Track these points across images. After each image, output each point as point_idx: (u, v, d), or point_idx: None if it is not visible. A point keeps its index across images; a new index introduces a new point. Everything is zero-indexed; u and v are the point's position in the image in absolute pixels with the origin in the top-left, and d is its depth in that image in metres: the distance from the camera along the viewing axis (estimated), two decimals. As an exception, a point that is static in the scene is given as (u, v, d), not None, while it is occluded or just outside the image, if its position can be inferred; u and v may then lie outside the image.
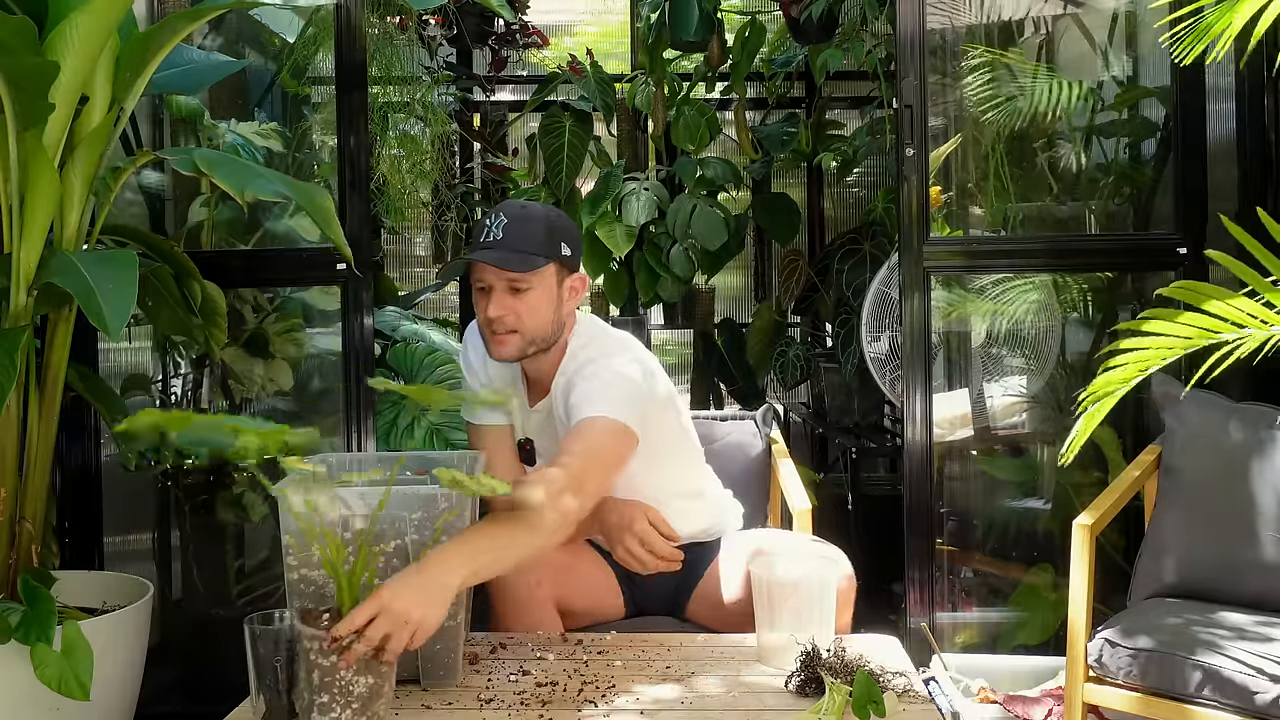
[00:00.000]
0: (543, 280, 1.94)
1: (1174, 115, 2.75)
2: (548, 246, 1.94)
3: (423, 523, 1.65)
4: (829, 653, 1.68)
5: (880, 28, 3.37)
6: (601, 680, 1.72)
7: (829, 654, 1.68)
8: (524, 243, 1.92)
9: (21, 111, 2.01)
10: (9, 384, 1.95)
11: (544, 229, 1.95)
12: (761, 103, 4.48)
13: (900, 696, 1.63)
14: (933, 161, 2.81)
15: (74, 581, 2.36)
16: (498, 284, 1.93)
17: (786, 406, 4.58)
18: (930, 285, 2.70)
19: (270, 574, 2.96)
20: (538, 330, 1.96)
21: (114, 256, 2.05)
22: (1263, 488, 2.22)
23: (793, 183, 4.70)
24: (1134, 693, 2.07)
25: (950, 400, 2.95)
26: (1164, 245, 2.74)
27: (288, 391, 3.00)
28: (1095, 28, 3.08)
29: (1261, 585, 2.20)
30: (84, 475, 2.72)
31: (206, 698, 2.35)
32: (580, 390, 1.94)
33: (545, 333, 1.98)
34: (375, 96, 3.25)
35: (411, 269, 4.81)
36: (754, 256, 4.82)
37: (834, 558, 2.01)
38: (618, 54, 4.67)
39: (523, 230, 1.93)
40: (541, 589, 2.02)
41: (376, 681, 1.47)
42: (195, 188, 3.02)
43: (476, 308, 1.98)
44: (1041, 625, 2.78)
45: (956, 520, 2.94)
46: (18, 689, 2.02)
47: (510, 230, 1.92)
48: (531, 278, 1.93)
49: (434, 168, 3.51)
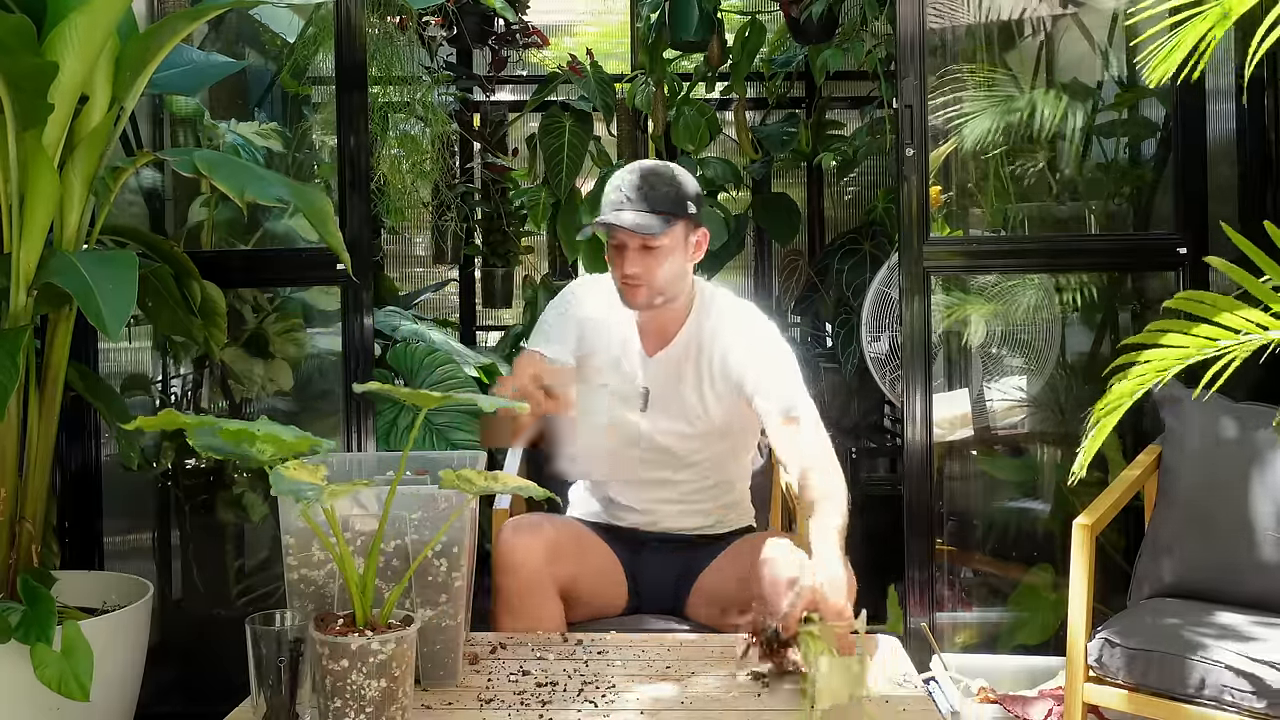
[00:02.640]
0: (672, 237, 2.06)
1: (1174, 115, 2.76)
2: (677, 205, 2.05)
3: (423, 523, 1.65)
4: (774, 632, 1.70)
5: (880, 28, 3.37)
6: (601, 680, 1.72)
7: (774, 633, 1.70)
8: (657, 203, 2.04)
9: (21, 111, 2.01)
10: (11, 384, 1.95)
11: (674, 189, 2.06)
12: (761, 103, 4.48)
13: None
14: (933, 161, 2.81)
15: (74, 581, 2.36)
16: (631, 242, 2.05)
17: (787, 406, 4.57)
18: (930, 285, 2.70)
19: (270, 574, 2.96)
20: (667, 284, 2.09)
21: (114, 257, 2.05)
22: (1262, 488, 2.22)
23: (793, 183, 4.70)
24: (1134, 693, 2.07)
25: (950, 400, 2.95)
26: (1164, 245, 2.75)
27: (288, 391, 3.00)
28: (1095, 28, 3.08)
29: (1261, 585, 2.20)
30: (84, 475, 2.72)
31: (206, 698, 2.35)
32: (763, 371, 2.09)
33: (674, 286, 2.10)
34: (375, 96, 3.25)
35: (411, 269, 4.81)
36: (754, 256, 4.82)
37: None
38: (618, 54, 4.67)
39: (654, 191, 2.05)
40: (548, 569, 2.04)
41: (390, 686, 1.46)
42: (195, 188, 3.02)
43: (612, 265, 2.10)
44: (1041, 625, 2.78)
45: (956, 520, 2.94)
46: (18, 689, 2.02)
47: (642, 191, 2.04)
48: (664, 237, 2.04)
49: (434, 168, 3.51)
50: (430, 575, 1.66)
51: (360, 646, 1.43)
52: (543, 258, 4.51)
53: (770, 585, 1.81)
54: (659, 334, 2.19)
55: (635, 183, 2.05)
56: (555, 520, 2.22)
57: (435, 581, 1.66)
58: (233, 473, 2.93)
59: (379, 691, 1.45)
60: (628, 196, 2.05)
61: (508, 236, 4.16)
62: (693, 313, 2.18)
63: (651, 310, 2.14)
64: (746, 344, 2.13)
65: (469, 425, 3.04)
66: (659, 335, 2.19)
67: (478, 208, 4.16)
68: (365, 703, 1.44)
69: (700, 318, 2.17)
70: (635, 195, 2.04)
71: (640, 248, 2.05)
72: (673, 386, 2.17)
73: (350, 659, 1.43)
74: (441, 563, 1.66)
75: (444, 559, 1.66)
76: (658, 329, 2.18)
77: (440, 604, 1.67)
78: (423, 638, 1.66)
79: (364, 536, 1.65)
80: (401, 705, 1.48)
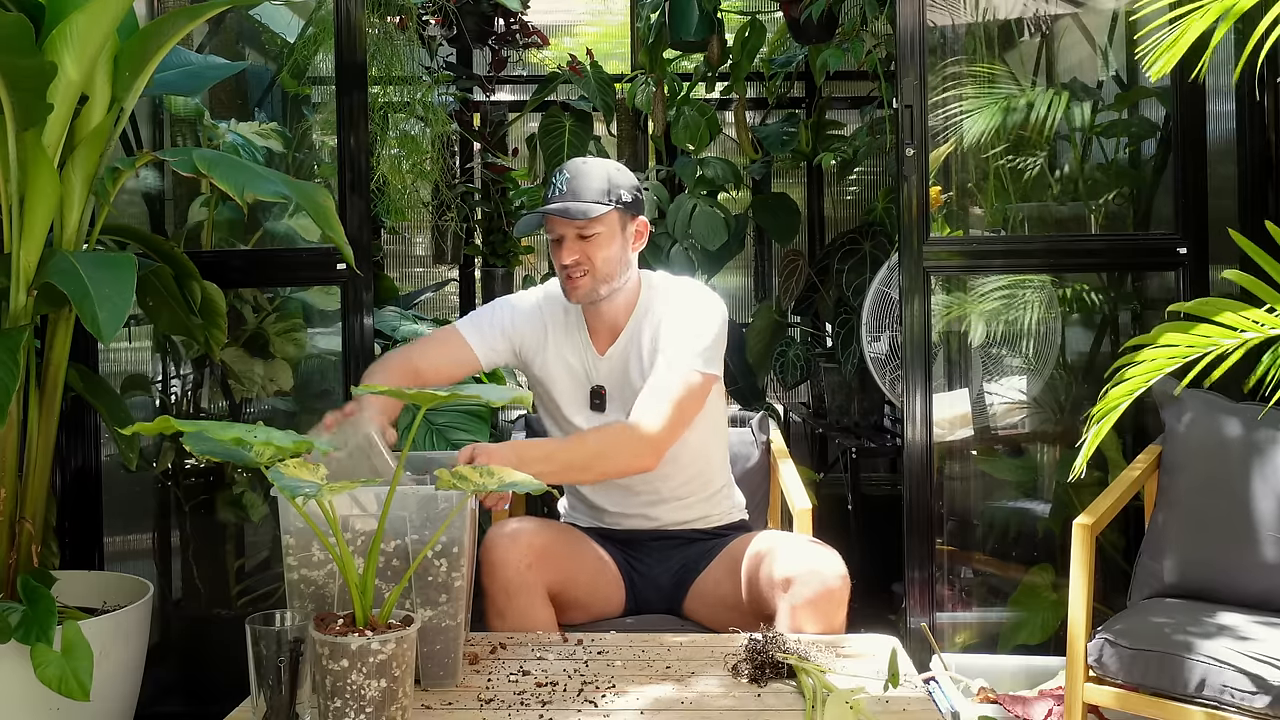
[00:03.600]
0: (607, 225, 2.15)
1: (1174, 115, 2.76)
2: (605, 195, 2.14)
3: (422, 523, 1.65)
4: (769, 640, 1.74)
5: (880, 28, 3.37)
6: (601, 680, 1.72)
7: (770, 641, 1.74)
8: (586, 193, 2.13)
9: (21, 112, 2.01)
10: (12, 383, 1.95)
11: (604, 180, 2.16)
12: (761, 103, 4.48)
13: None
14: (933, 161, 2.81)
15: (74, 581, 2.36)
16: (568, 233, 2.14)
17: (786, 406, 4.59)
18: (930, 285, 2.70)
19: (270, 574, 2.96)
20: (608, 271, 2.15)
21: (113, 259, 2.05)
22: (1262, 488, 2.22)
23: (793, 183, 4.70)
24: (1134, 693, 2.07)
25: (950, 400, 2.95)
26: (1164, 245, 2.75)
27: (288, 391, 3.00)
28: (1095, 28, 3.08)
29: (1261, 585, 2.20)
30: (84, 475, 2.72)
31: (206, 698, 2.35)
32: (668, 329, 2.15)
33: (613, 273, 2.17)
34: (375, 96, 3.25)
35: (411, 269, 4.81)
36: (754, 256, 4.83)
37: (828, 557, 2.02)
38: (618, 54, 4.67)
39: (584, 183, 2.14)
40: (532, 572, 2.02)
41: (390, 686, 1.46)
42: (195, 188, 3.02)
43: (554, 258, 2.18)
44: (1041, 625, 2.78)
45: (956, 520, 2.94)
46: (18, 689, 2.02)
47: (573, 184, 2.14)
48: (595, 224, 2.13)
49: (434, 168, 3.51)
50: (430, 575, 1.66)
51: (360, 646, 1.43)
52: (543, 258, 4.51)
53: (766, 584, 1.82)
54: (609, 331, 2.24)
55: (566, 177, 2.16)
56: (544, 523, 2.22)
57: (435, 581, 1.66)
58: (233, 473, 2.93)
59: (379, 691, 1.45)
60: (559, 189, 2.15)
61: (508, 236, 4.16)
62: (638, 305, 2.23)
63: (596, 304, 2.20)
64: (669, 313, 2.19)
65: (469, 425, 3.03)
66: (609, 333, 2.24)
67: (478, 208, 4.16)
68: (365, 703, 1.44)
69: (645, 308, 2.23)
70: (566, 188, 2.14)
71: (576, 237, 2.13)
72: (625, 380, 2.21)
73: (350, 659, 1.43)
74: (441, 563, 1.66)
75: (444, 559, 1.66)
76: (608, 326, 2.23)
77: (440, 604, 1.67)
78: (423, 638, 1.66)
79: (364, 536, 1.65)
80: (401, 705, 1.48)
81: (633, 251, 2.21)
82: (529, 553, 2.03)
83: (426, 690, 1.69)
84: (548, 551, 2.08)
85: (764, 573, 2.02)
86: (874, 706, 1.60)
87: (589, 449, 2.07)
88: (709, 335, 2.14)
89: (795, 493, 2.31)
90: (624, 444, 2.05)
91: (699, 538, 2.27)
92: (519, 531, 2.07)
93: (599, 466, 2.08)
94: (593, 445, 2.08)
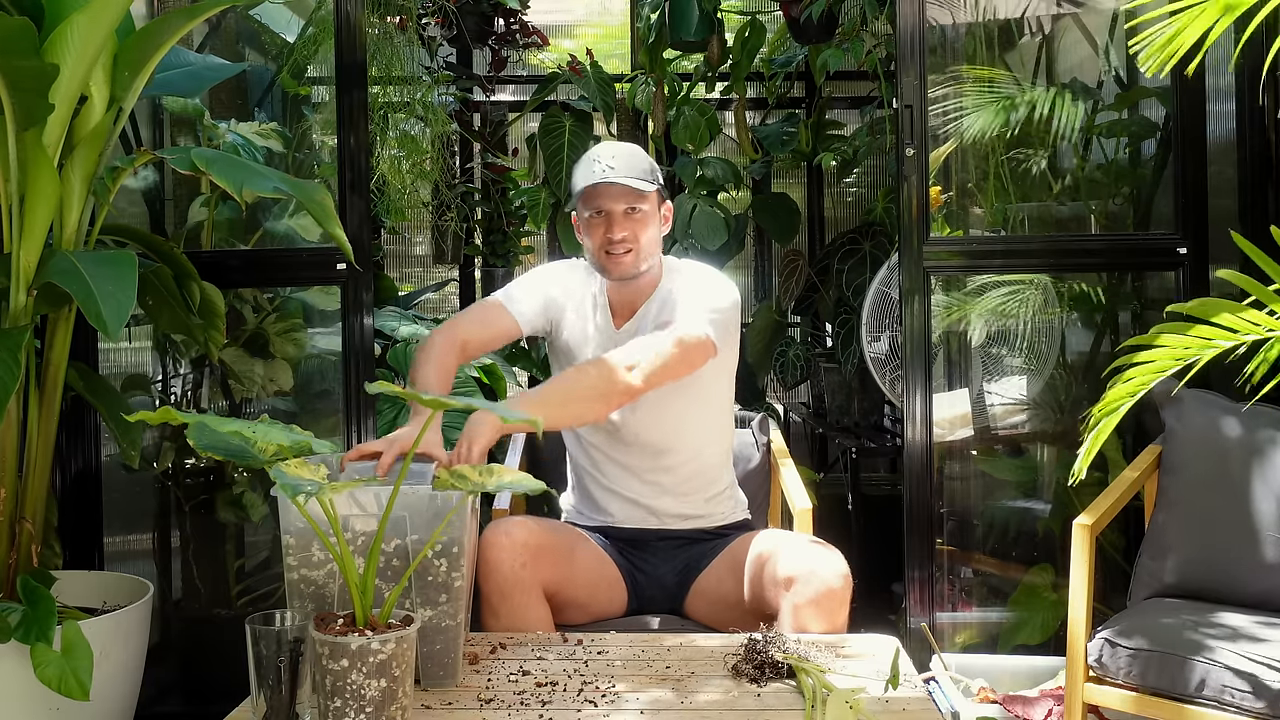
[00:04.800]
0: (650, 204, 2.19)
1: (1174, 115, 2.76)
2: (652, 174, 2.20)
3: (422, 523, 1.65)
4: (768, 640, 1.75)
5: (880, 28, 3.37)
6: (601, 680, 1.72)
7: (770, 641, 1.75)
8: (638, 170, 2.17)
9: (21, 112, 2.01)
10: (12, 383, 1.95)
11: (646, 161, 2.21)
12: (761, 103, 4.48)
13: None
14: (933, 161, 2.81)
15: (74, 581, 2.36)
16: (616, 208, 2.15)
17: (786, 406, 4.59)
18: (930, 285, 2.70)
19: (270, 574, 2.96)
20: (650, 249, 2.19)
21: (113, 257, 2.05)
22: (1263, 488, 2.22)
23: (793, 183, 4.70)
24: (1134, 693, 2.07)
25: (950, 400, 2.95)
26: (1164, 245, 2.75)
27: (288, 391, 3.00)
28: (1095, 28, 3.08)
29: (1261, 585, 2.20)
30: (84, 475, 2.72)
31: (206, 698, 2.35)
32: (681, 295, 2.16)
33: (653, 251, 2.21)
34: (375, 96, 3.25)
35: (411, 269, 4.81)
36: (754, 256, 4.83)
37: (830, 556, 2.02)
38: (618, 54, 4.68)
39: (633, 162, 2.17)
40: (526, 571, 2.02)
41: (390, 686, 1.46)
42: (195, 188, 3.02)
43: (592, 236, 2.19)
44: (1041, 625, 2.78)
45: (956, 520, 2.94)
46: (18, 689, 2.02)
47: (623, 160, 2.16)
48: (644, 201, 2.17)
49: (434, 168, 3.51)
50: (430, 575, 1.66)
51: (360, 646, 1.43)
52: (543, 257, 4.51)
53: (769, 583, 1.82)
54: (628, 307, 2.26)
55: (614, 153, 2.18)
56: (541, 522, 2.20)
57: (435, 581, 1.66)
58: (233, 473, 2.93)
59: (379, 691, 1.45)
60: (610, 165, 2.15)
61: (508, 236, 4.16)
62: (659, 287, 2.26)
63: (626, 282, 2.22)
64: (682, 283, 2.21)
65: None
66: (628, 309, 2.26)
67: (478, 208, 4.16)
68: (365, 703, 1.44)
69: (666, 290, 2.25)
70: (617, 164, 2.15)
71: (626, 211, 2.15)
72: None
73: (350, 659, 1.43)
74: (441, 563, 1.66)
75: (444, 559, 1.66)
76: (628, 302, 2.26)
77: (440, 604, 1.67)
78: (423, 638, 1.66)
79: (364, 536, 1.65)
80: (401, 705, 1.48)
81: (662, 233, 2.25)
82: (524, 552, 2.03)
83: (426, 690, 1.69)
84: (544, 551, 2.07)
85: (766, 572, 2.02)
86: (874, 706, 1.60)
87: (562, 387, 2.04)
88: (721, 306, 2.16)
89: (796, 493, 2.32)
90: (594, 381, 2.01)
91: (702, 537, 2.27)
92: (515, 531, 2.06)
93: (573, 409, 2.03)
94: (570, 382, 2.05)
